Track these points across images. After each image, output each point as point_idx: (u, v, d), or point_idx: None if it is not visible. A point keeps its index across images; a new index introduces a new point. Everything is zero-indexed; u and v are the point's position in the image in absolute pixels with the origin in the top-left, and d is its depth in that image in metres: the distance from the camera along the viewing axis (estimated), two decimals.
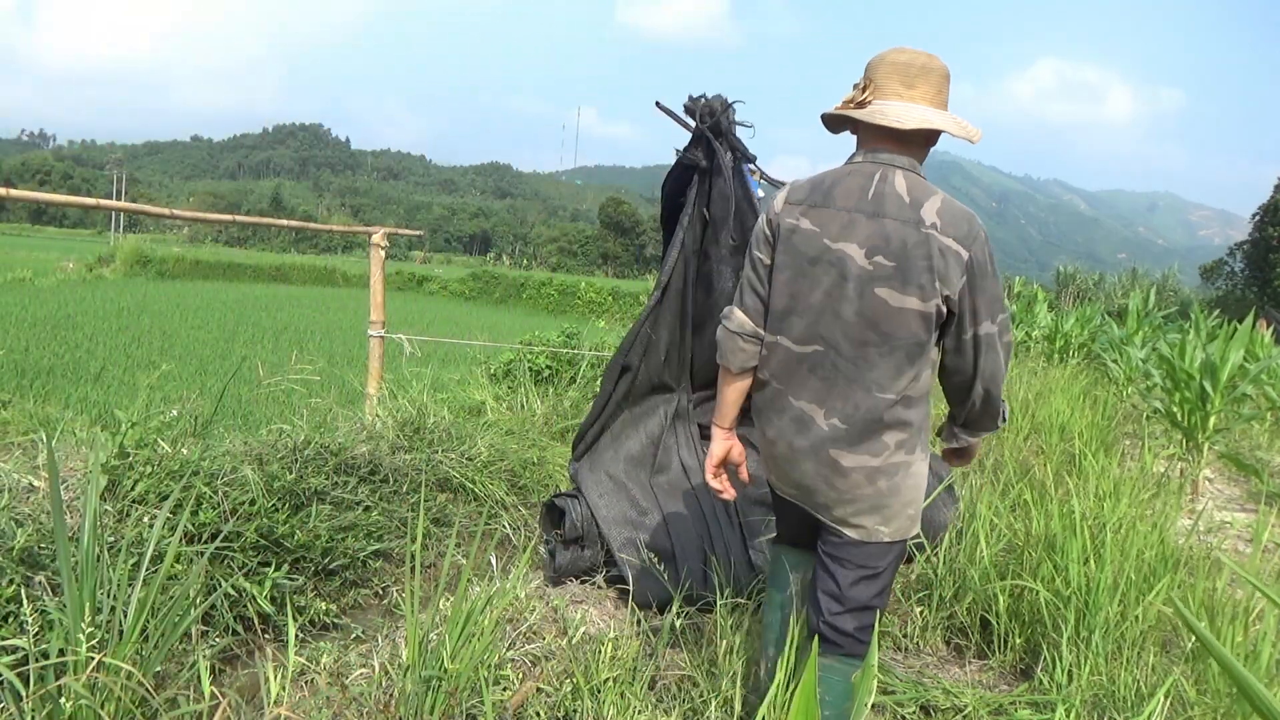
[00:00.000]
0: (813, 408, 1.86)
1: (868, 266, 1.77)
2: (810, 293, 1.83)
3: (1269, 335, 9.08)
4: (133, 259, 25.30)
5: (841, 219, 1.80)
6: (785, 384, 1.90)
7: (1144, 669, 2.43)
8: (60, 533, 1.82)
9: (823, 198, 1.84)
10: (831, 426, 1.84)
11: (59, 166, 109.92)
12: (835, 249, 1.80)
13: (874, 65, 1.84)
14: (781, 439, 1.91)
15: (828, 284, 1.81)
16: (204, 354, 8.96)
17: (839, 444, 1.84)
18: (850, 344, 1.81)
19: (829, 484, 1.86)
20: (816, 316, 1.83)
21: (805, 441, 1.87)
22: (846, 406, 1.82)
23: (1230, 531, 4.43)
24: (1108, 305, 22.60)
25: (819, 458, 1.86)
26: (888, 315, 1.77)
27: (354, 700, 2.16)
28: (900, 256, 1.75)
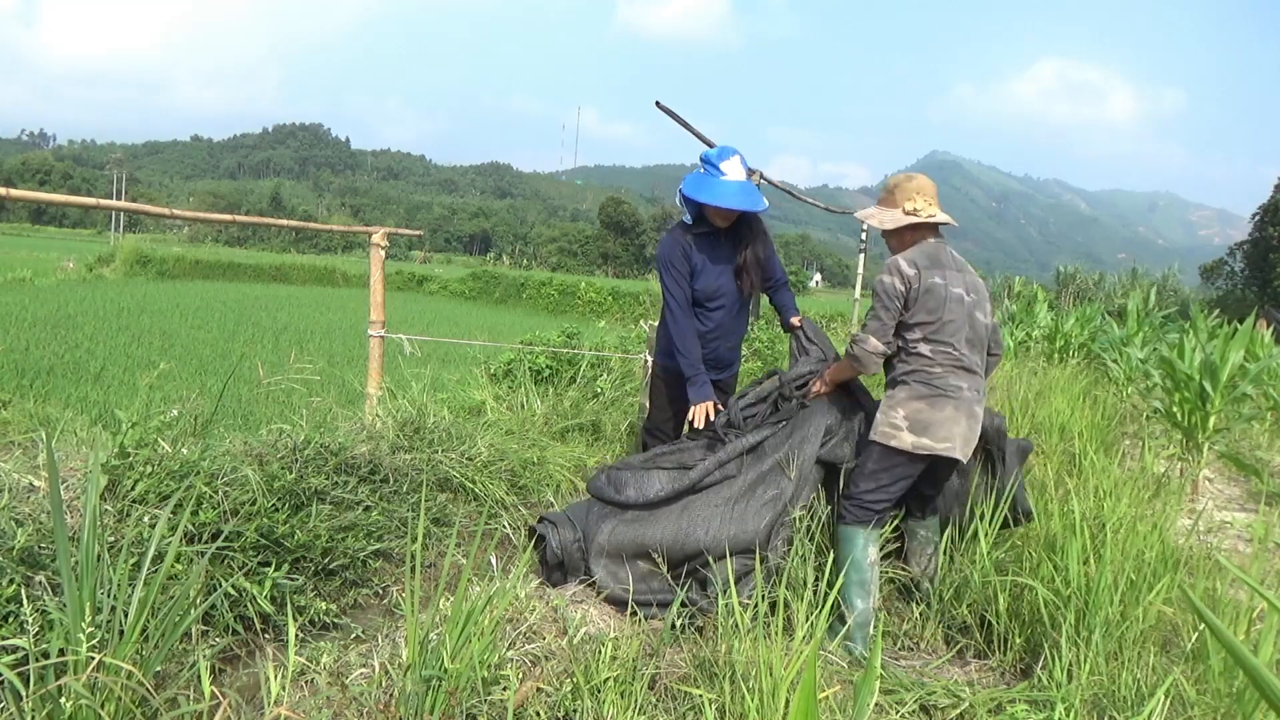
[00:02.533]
0: (964, 386, 2.88)
1: (969, 299, 2.94)
2: (956, 318, 2.90)
3: (1269, 335, 9.07)
4: (133, 259, 25.29)
5: (952, 274, 2.94)
6: (951, 375, 2.87)
7: (1144, 669, 2.43)
8: (60, 533, 1.82)
9: (935, 263, 2.93)
10: (974, 393, 2.90)
11: (59, 166, 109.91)
12: (955, 292, 2.91)
13: (925, 189, 3.04)
14: (949, 405, 2.83)
15: (958, 313, 2.90)
16: (204, 354, 8.96)
17: (977, 402, 2.91)
18: (967, 345, 2.93)
19: (970, 429, 2.87)
20: (958, 330, 2.90)
21: (964, 405, 2.86)
22: (975, 382, 2.93)
23: (1230, 531, 4.43)
24: (1108, 305, 22.59)
25: (971, 414, 2.88)
26: (979, 326, 2.97)
27: (354, 700, 2.16)
28: (976, 292, 2.99)
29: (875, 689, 1.27)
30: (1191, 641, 2.55)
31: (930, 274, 2.90)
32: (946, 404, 2.83)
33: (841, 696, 2.34)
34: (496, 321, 16.91)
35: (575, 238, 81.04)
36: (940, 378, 2.86)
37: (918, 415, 2.84)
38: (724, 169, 3.31)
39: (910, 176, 3.06)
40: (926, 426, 2.83)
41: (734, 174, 3.31)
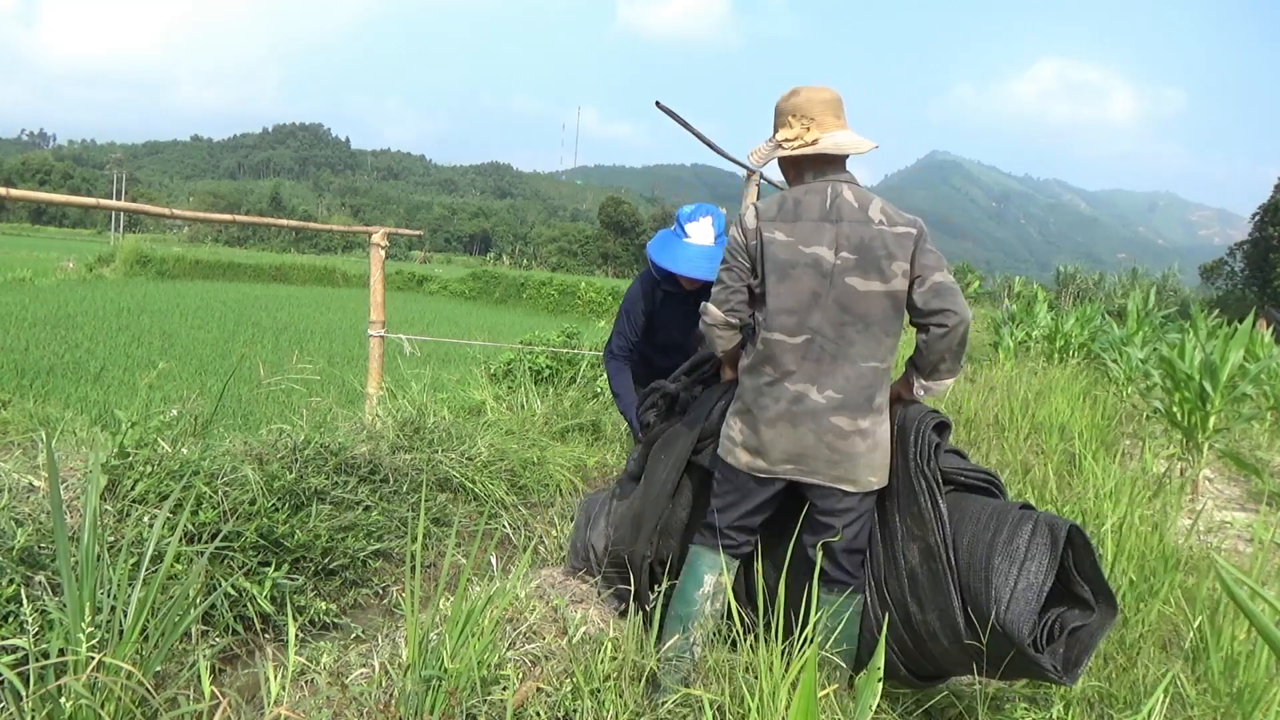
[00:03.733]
0: (808, 386, 2.19)
1: (836, 261, 2.16)
2: (798, 292, 2.19)
3: (1269, 335, 9.07)
4: (133, 259, 25.29)
5: (810, 228, 2.19)
6: (783, 374, 2.22)
7: (1144, 668, 2.43)
8: (60, 533, 1.82)
9: (787, 214, 2.22)
10: (827, 398, 2.18)
11: (59, 166, 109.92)
12: (809, 252, 2.18)
13: (803, 106, 2.22)
14: (781, 419, 2.21)
15: (809, 282, 2.18)
16: (204, 354, 8.96)
17: (837, 412, 2.18)
18: (832, 328, 2.18)
19: (831, 448, 2.18)
20: (806, 311, 2.19)
21: (806, 414, 2.19)
22: (836, 380, 2.18)
23: (1230, 531, 4.43)
24: (1108, 305, 22.61)
25: (820, 426, 2.18)
26: (856, 299, 2.16)
27: (354, 700, 2.16)
28: (859, 250, 2.15)
29: (877, 689, 1.27)
30: (1191, 640, 2.56)
31: (772, 227, 2.21)
32: (787, 413, 2.21)
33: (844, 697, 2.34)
34: (496, 321, 16.92)
35: (575, 238, 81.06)
36: (771, 377, 2.23)
37: (750, 433, 2.27)
38: (689, 231, 3.09)
39: (794, 92, 2.27)
40: (756, 451, 2.26)
41: (700, 238, 3.07)
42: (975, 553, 2.08)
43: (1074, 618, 2.04)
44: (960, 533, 2.14)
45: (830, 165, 2.24)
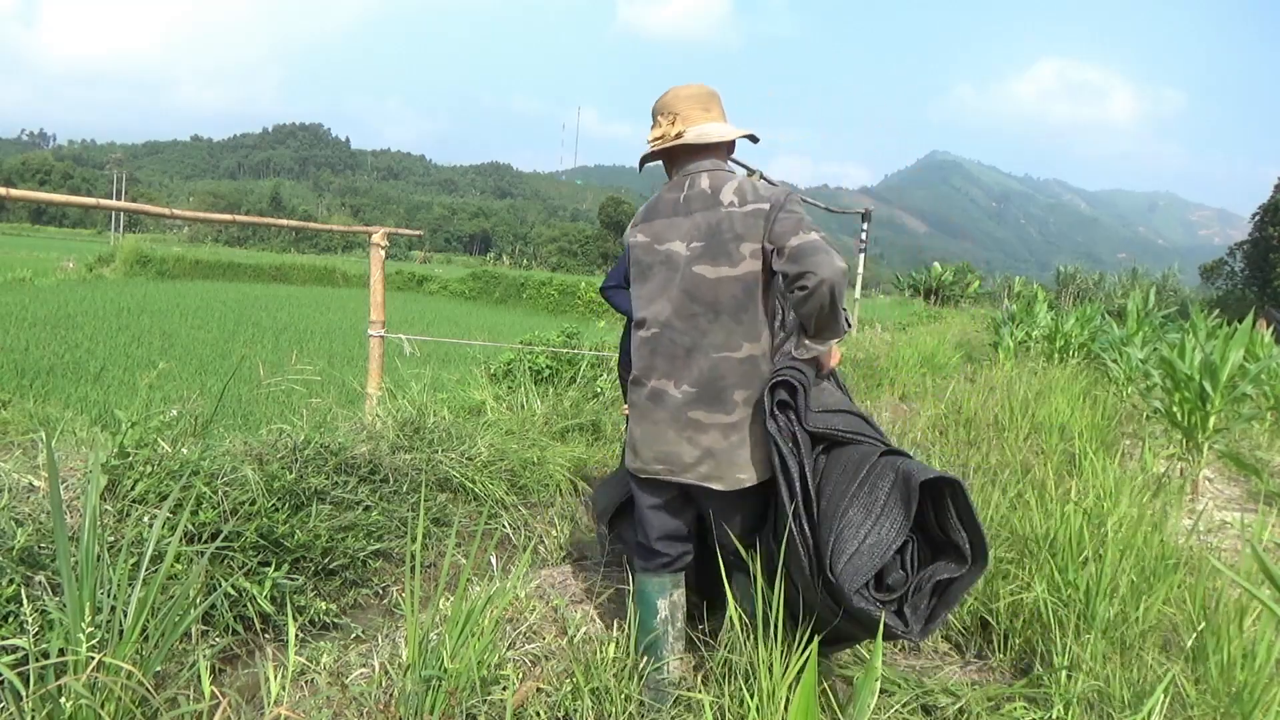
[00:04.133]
0: (666, 383, 2.16)
1: (686, 252, 2.14)
2: (649, 289, 2.21)
3: (1269, 335, 9.07)
4: (133, 259, 25.28)
5: (665, 225, 2.20)
6: (646, 372, 2.22)
7: (1143, 668, 2.43)
8: (60, 533, 1.82)
9: (649, 214, 2.25)
10: (684, 393, 2.14)
11: (59, 166, 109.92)
12: (663, 249, 2.19)
13: (669, 103, 2.24)
14: (645, 418, 2.21)
15: (661, 277, 2.19)
16: (204, 354, 8.96)
17: (694, 407, 2.13)
18: (682, 319, 2.14)
19: (693, 444, 2.12)
20: (656, 305, 2.19)
21: (664, 411, 2.16)
22: (692, 374, 2.13)
23: (1230, 531, 4.43)
24: (1108, 305, 22.62)
25: (679, 421, 2.14)
26: (705, 286, 2.11)
27: (354, 700, 2.16)
28: (708, 236, 2.11)
29: (876, 689, 1.27)
30: (1191, 641, 2.55)
31: (636, 231, 2.26)
32: (650, 411, 2.19)
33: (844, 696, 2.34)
34: (496, 321, 16.91)
35: (575, 238, 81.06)
36: (636, 375, 2.24)
37: (630, 432, 2.27)
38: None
39: (665, 92, 2.27)
40: (636, 441, 2.24)
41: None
42: (833, 502, 1.98)
43: (945, 570, 1.99)
44: (826, 481, 2.04)
45: (696, 156, 2.22)
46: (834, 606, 1.94)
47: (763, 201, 2.08)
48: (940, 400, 6.49)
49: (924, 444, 5.55)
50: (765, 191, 2.11)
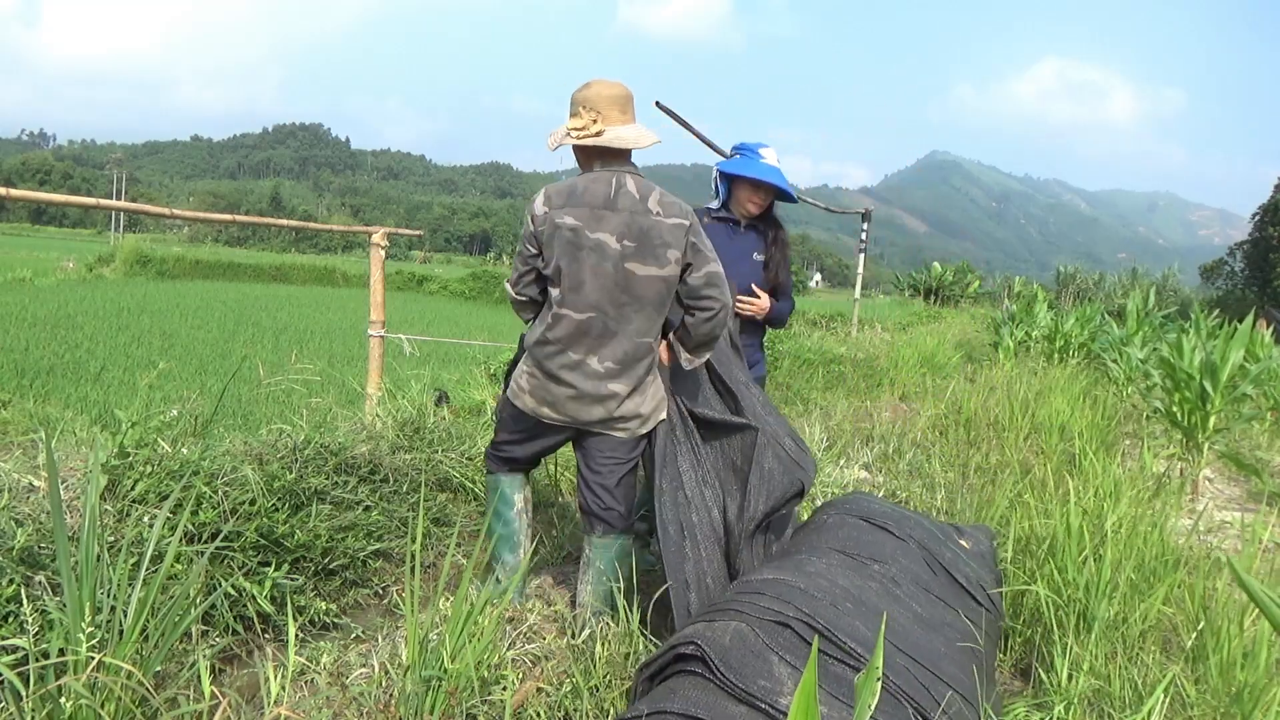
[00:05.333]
0: (588, 355, 2.48)
1: (619, 248, 2.40)
2: (584, 273, 2.43)
3: (1269, 335, 9.07)
4: (133, 259, 25.26)
5: (594, 215, 2.41)
6: (568, 344, 2.49)
7: (1143, 668, 2.43)
8: (60, 533, 1.82)
9: (574, 200, 2.43)
10: (606, 368, 2.49)
11: (59, 166, 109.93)
12: (594, 238, 2.40)
13: (591, 99, 2.44)
14: (564, 381, 2.51)
15: (591, 264, 2.42)
16: (204, 354, 8.96)
17: (614, 379, 2.50)
18: (614, 307, 2.45)
19: (602, 405, 2.52)
20: (591, 291, 2.44)
21: (584, 378, 2.50)
22: (615, 352, 2.48)
23: (1230, 531, 4.43)
24: (1108, 305, 22.60)
25: (598, 389, 2.50)
26: (635, 282, 2.42)
27: (354, 700, 2.16)
28: (639, 238, 2.40)
29: (876, 689, 1.27)
30: (1192, 640, 2.55)
31: (563, 213, 2.42)
32: (567, 374, 2.50)
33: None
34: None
35: None
36: (560, 346, 2.49)
37: (539, 386, 2.56)
38: (762, 153, 3.46)
39: (587, 85, 2.48)
40: (542, 401, 2.57)
41: (769, 159, 3.45)
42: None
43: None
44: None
45: (615, 156, 2.48)
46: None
47: (682, 218, 2.44)
48: (940, 400, 6.49)
49: (924, 444, 5.55)
50: (677, 208, 2.45)
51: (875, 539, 2.52)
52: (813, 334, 11.67)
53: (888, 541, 2.52)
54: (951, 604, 2.35)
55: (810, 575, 2.16)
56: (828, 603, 2.02)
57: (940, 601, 2.33)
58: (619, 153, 2.47)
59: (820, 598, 2.03)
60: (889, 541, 2.52)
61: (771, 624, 1.91)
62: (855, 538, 2.52)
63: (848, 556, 2.37)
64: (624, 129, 2.45)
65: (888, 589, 2.24)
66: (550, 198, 2.46)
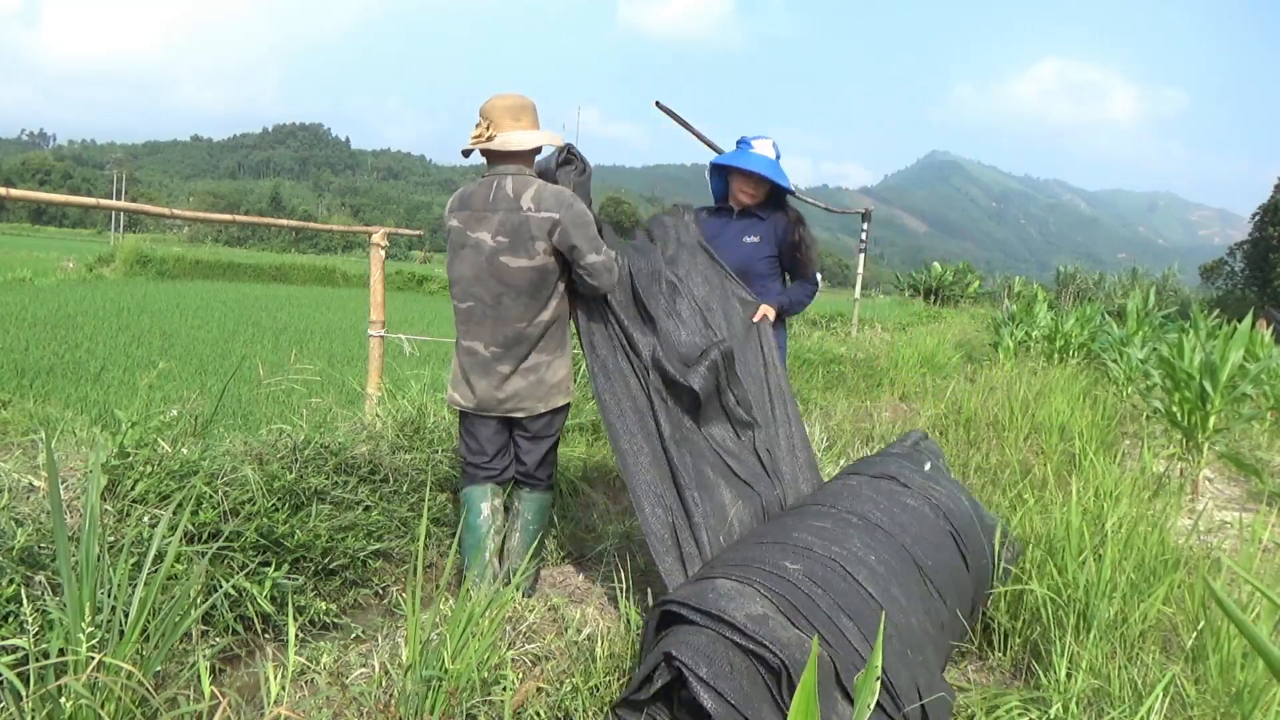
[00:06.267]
0: (476, 343, 2.79)
1: (493, 244, 2.69)
2: (463, 268, 2.75)
3: (1269, 335, 9.07)
4: (133, 259, 25.24)
5: (475, 216, 2.72)
6: (463, 333, 2.84)
7: (1143, 668, 2.43)
8: (60, 533, 1.82)
9: (463, 205, 2.77)
10: (491, 352, 2.78)
11: (59, 166, 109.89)
12: (474, 237, 2.71)
13: (487, 110, 2.70)
14: (470, 371, 2.83)
15: (472, 260, 2.72)
16: (204, 354, 8.95)
17: (500, 361, 2.78)
18: (490, 296, 2.73)
19: (500, 389, 2.81)
20: (469, 283, 2.75)
21: (479, 365, 2.80)
22: (497, 338, 2.77)
23: (1230, 531, 4.43)
24: (1108, 305, 22.60)
25: (489, 373, 2.80)
26: (509, 273, 2.69)
27: (354, 700, 2.16)
28: (511, 234, 2.67)
29: (876, 689, 1.27)
30: (1192, 641, 2.55)
31: (452, 217, 2.79)
32: (470, 365, 2.83)
33: None
34: None
35: None
36: (457, 336, 2.86)
37: (456, 379, 2.91)
38: (754, 145, 3.50)
39: (491, 97, 2.74)
40: (457, 389, 2.90)
41: (761, 149, 3.47)
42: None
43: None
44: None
45: (505, 159, 2.73)
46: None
47: (552, 212, 2.65)
48: (940, 400, 6.49)
49: None
50: (552, 202, 2.66)
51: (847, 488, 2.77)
52: (813, 334, 11.66)
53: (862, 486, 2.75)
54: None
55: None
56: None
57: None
58: (508, 156, 2.72)
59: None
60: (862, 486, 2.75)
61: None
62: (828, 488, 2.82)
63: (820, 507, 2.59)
64: (511, 134, 2.69)
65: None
66: (450, 205, 2.83)
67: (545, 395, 2.85)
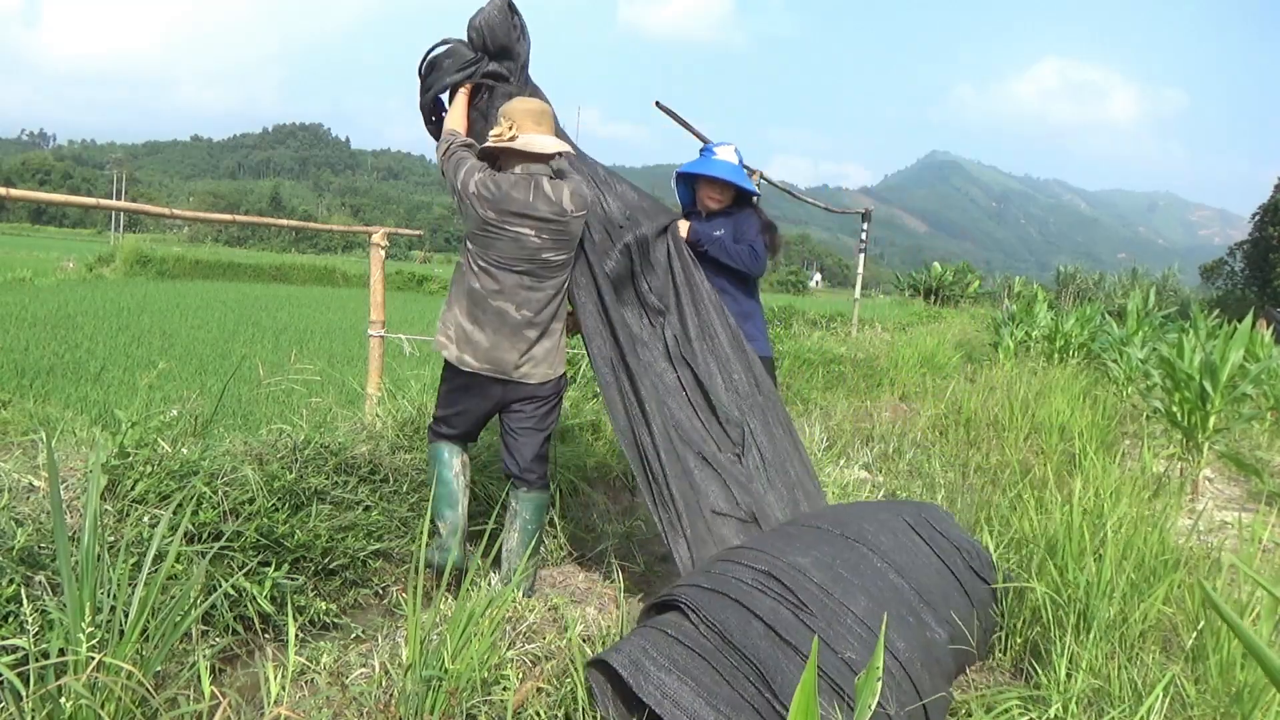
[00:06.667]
0: (509, 306, 2.90)
1: (538, 241, 2.86)
2: (501, 250, 2.87)
3: (1269, 335, 9.07)
4: (133, 259, 25.23)
5: (516, 213, 2.83)
6: (492, 296, 2.89)
7: (1143, 667, 2.43)
8: (60, 532, 1.82)
9: (501, 198, 2.84)
10: (523, 316, 2.91)
11: (59, 166, 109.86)
12: (514, 231, 2.84)
13: (510, 112, 2.88)
14: (492, 328, 2.89)
15: (512, 250, 2.86)
16: (204, 354, 8.95)
17: (529, 326, 2.92)
18: (530, 275, 2.90)
19: (525, 352, 2.92)
20: (509, 262, 2.87)
21: (507, 326, 2.90)
22: (531, 303, 2.91)
23: (1230, 531, 4.43)
24: (1108, 305, 22.60)
25: (516, 335, 2.90)
26: (549, 265, 2.91)
27: (354, 700, 2.16)
28: (554, 234, 2.87)
29: (877, 689, 1.27)
30: (1192, 640, 2.56)
31: (488, 209, 2.89)
32: (491, 322, 2.90)
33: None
34: None
35: None
36: (490, 296, 2.90)
37: (468, 330, 2.92)
38: (716, 151, 3.60)
39: (513, 100, 2.96)
40: (463, 343, 2.93)
41: (725, 156, 3.57)
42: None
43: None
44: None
45: (530, 160, 2.88)
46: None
47: (583, 210, 2.93)
48: (940, 400, 6.49)
49: (924, 444, 5.55)
50: (583, 201, 2.93)
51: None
52: (813, 334, 11.66)
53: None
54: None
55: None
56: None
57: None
58: (532, 157, 2.89)
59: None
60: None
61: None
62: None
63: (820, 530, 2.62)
64: (534, 137, 2.88)
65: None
66: (480, 191, 2.90)
67: (555, 361, 3.02)
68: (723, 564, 2.36)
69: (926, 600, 2.41)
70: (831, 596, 2.19)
